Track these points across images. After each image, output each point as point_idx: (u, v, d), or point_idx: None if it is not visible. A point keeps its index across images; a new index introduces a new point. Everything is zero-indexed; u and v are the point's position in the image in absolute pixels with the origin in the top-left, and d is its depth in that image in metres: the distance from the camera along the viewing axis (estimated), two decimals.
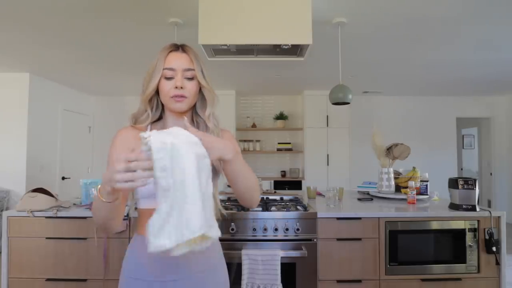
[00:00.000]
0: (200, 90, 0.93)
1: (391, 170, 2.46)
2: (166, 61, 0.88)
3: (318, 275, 1.84)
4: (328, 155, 4.87)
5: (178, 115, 0.94)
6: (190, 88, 0.89)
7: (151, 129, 0.94)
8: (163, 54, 0.89)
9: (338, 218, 1.88)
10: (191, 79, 0.89)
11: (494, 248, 1.83)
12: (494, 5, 2.17)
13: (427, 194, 2.36)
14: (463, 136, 6.83)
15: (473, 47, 2.98)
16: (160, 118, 0.97)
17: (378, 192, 2.48)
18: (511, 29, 2.57)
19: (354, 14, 2.31)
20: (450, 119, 5.40)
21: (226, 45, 1.95)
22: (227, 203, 2.13)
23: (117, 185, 0.63)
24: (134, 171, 0.62)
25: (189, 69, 0.89)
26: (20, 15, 2.28)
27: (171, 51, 0.90)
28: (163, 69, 0.88)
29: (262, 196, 2.43)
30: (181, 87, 0.87)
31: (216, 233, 0.67)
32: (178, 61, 0.89)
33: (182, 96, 0.88)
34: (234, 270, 1.79)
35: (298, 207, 2.01)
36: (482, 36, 2.71)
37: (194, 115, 0.97)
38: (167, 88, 0.88)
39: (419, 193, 2.33)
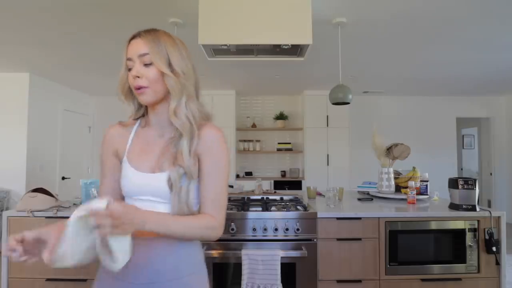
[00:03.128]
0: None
1: (391, 170, 2.45)
2: (127, 51, 0.82)
3: (318, 275, 1.84)
4: (328, 155, 4.87)
5: (152, 109, 0.87)
6: (149, 76, 0.79)
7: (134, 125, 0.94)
8: (126, 45, 0.83)
9: (338, 218, 1.88)
10: (149, 65, 0.80)
11: (494, 248, 1.83)
12: (495, 5, 2.16)
13: (427, 194, 2.36)
14: (463, 136, 6.83)
15: (473, 47, 2.98)
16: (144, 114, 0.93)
17: (378, 192, 2.48)
18: (511, 29, 2.57)
19: (354, 14, 2.31)
20: (450, 119, 5.40)
21: (226, 45, 1.95)
22: (227, 203, 2.12)
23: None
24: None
25: (143, 54, 0.79)
26: (20, 15, 2.28)
27: (130, 40, 0.82)
28: (126, 60, 0.82)
29: (262, 196, 2.43)
30: (137, 76, 0.79)
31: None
32: (133, 48, 0.80)
33: (141, 87, 0.80)
34: (232, 271, 1.79)
35: (298, 207, 2.01)
36: (482, 36, 2.71)
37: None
38: (130, 80, 0.82)
39: (419, 193, 2.33)
